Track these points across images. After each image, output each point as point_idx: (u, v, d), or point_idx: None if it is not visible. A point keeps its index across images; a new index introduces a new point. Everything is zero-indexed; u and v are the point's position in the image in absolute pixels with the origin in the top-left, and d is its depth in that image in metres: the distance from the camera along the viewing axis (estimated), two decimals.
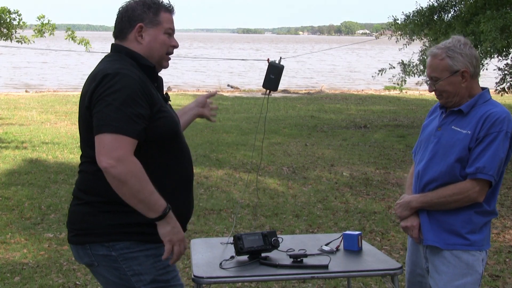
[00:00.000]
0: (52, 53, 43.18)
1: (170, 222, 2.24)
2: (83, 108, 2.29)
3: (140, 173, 2.15)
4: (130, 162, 2.14)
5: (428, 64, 2.70)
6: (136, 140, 2.17)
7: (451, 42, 2.65)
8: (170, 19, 2.40)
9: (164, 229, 2.24)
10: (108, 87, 2.18)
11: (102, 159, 2.12)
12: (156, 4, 2.37)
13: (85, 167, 2.35)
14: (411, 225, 2.75)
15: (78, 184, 2.40)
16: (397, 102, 18.15)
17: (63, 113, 14.12)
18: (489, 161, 2.55)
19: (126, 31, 2.37)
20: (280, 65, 3.01)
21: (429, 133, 2.78)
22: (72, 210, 2.40)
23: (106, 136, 2.13)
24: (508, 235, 5.58)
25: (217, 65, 38.73)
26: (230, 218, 5.99)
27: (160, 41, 2.37)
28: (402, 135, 11.35)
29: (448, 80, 2.63)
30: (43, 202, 6.43)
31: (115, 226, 2.28)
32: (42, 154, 9.08)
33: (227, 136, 11.03)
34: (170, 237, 2.24)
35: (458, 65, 2.61)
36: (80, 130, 2.37)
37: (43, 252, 4.99)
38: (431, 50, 2.71)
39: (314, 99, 18.70)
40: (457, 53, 2.61)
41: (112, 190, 2.21)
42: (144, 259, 2.30)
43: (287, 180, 7.65)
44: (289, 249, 2.98)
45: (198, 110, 2.88)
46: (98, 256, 2.31)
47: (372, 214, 6.17)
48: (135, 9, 2.36)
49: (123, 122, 2.14)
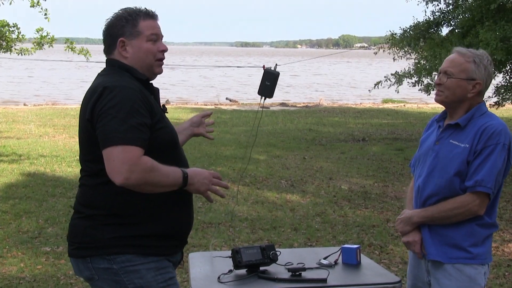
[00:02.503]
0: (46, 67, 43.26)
1: (193, 181, 2.32)
2: (83, 121, 2.30)
3: (152, 168, 2.20)
4: (141, 165, 2.17)
5: (449, 59, 2.68)
6: (143, 149, 2.20)
7: (481, 53, 2.67)
8: (151, 25, 2.40)
9: (192, 188, 2.34)
10: (110, 99, 2.20)
11: (116, 176, 2.16)
12: (133, 16, 2.38)
13: (85, 180, 2.37)
14: (413, 240, 2.74)
15: (78, 198, 2.41)
16: (395, 115, 18.18)
17: (61, 126, 14.12)
18: (487, 174, 2.56)
19: (112, 48, 2.41)
20: (276, 72, 2.98)
21: (427, 147, 2.77)
22: (73, 224, 2.40)
23: (115, 149, 2.15)
24: (507, 248, 5.56)
25: (220, 78, 38.83)
26: (228, 231, 5.97)
27: (144, 50, 2.38)
28: (401, 148, 11.36)
29: (460, 82, 2.62)
30: (40, 216, 6.40)
31: (116, 239, 2.28)
32: (40, 167, 9.06)
33: (225, 149, 11.02)
34: (199, 190, 2.36)
35: (478, 75, 2.62)
36: (80, 143, 2.38)
37: (40, 266, 4.96)
38: (459, 48, 2.70)
39: (312, 112, 18.73)
40: (482, 64, 2.63)
41: (112, 203, 2.25)
42: (145, 272, 2.30)
43: (285, 193, 7.64)
44: (288, 262, 2.96)
45: (193, 130, 2.89)
46: (99, 270, 2.31)
47: (371, 228, 6.16)
48: (114, 25, 2.39)
49: (130, 133, 2.17)
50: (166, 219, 2.35)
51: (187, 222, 2.47)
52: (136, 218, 2.30)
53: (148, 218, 2.32)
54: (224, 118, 16.41)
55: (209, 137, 2.95)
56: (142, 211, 2.31)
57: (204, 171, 2.39)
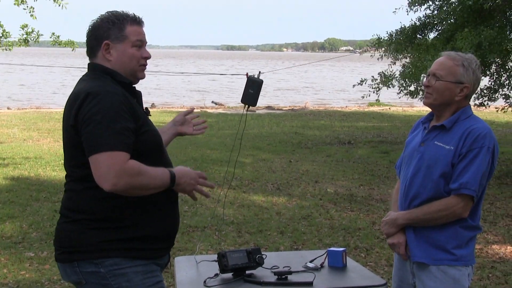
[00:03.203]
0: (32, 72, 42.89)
1: (180, 182, 2.33)
2: (67, 127, 2.29)
3: (139, 172, 2.21)
4: (128, 170, 2.17)
5: (438, 61, 2.70)
6: (129, 153, 2.20)
7: (470, 57, 2.69)
8: (137, 31, 2.40)
9: (178, 188, 2.36)
10: (93, 105, 2.19)
11: (104, 183, 2.16)
12: (120, 19, 2.37)
13: (71, 185, 2.36)
14: (398, 242, 2.75)
15: (64, 203, 2.40)
16: (381, 118, 18.29)
17: (46, 130, 14.00)
18: (472, 176, 2.57)
19: (95, 50, 2.39)
20: (259, 79, 2.99)
21: (412, 149, 2.79)
22: (60, 228, 2.40)
23: (101, 156, 2.15)
24: (491, 250, 5.61)
25: (206, 82, 38.75)
26: (214, 235, 5.95)
27: (128, 54, 2.38)
28: (386, 151, 11.42)
29: (448, 85, 2.64)
30: (24, 221, 6.34)
31: (104, 242, 2.28)
32: (24, 171, 8.97)
33: (211, 152, 11.01)
34: (185, 190, 2.38)
35: (466, 78, 2.64)
36: (65, 149, 2.37)
37: (24, 272, 4.91)
38: (448, 52, 2.73)
39: (298, 116, 18.77)
40: (471, 68, 2.65)
41: (99, 208, 2.26)
42: (133, 275, 2.30)
43: (271, 197, 7.64)
44: (274, 266, 2.96)
45: (176, 129, 2.86)
46: (86, 274, 2.30)
47: (357, 230, 6.18)
48: (100, 27, 2.37)
49: (115, 139, 2.17)
50: (153, 222, 2.36)
51: (174, 224, 2.48)
52: (123, 222, 2.30)
53: (135, 221, 2.32)
54: (210, 121, 16.38)
55: (196, 133, 2.90)
56: (129, 215, 2.31)
57: (190, 172, 2.39)
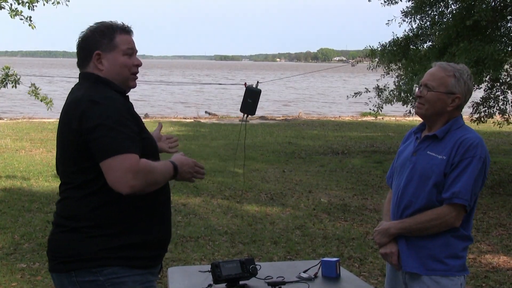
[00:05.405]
0: None
1: (181, 171, 2.41)
2: (69, 131, 2.28)
3: (151, 169, 2.24)
4: (142, 170, 2.20)
5: (430, 72, 2.72)
6: (139, 155, 2.22)
7: (462, 67, 2.71)
8: (127, 40, 2.43)
9: (179, 177, 2.43)
10: (101, 111, 2.21)
11: (121, 186, 2.17)
12: (110, 29, 2.40)
13: (69, 193, 2.35)
14: (390, 252, 2.75)
15: (60, 212, 2.39)
16: (374, 128, 18.35)
17: (38, 141, 13.94)
18: (464, 186, 2.58)
19: (86, 60, 2.41)
20: (257, 89, 3.02)
21: (404, 159, 2.80)
22: (56, 238, 2.37)
23: (115, 160, 2.17)
24: (484, 260, 5.62)
25: (196, 92, 38.78)
26: (208, 245, 5.93)
27: (119, 63, 2.40)
28: (379, 161, 11.44)
29: (440, 96, 2.66)
30: (16, 232, 6.29)
31: (103, 250, 2.27)
32: (16, 182, 8.92)
33: (204, 162, 10.98)
34: (185, 177, 2.45)
35: (457, 89, 2.66)
36: (63, 155, 2.35)
37: (16, 283, 4.87)
38: (440, 62, 2.75)
39: (291, 126, 18.80)
40: (462, 79, 2.67)
41: (97, 214, 2.26)
42: (132, 284, 2.30)
43: (265, 207, 7.63)
44: (267, 276, 2.95)
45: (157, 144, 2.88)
46: (84, 283, 2.28)
47: (350, 240, 6.17)
48: (90, 38, 2.39)
49: (126, 142, 2.20)
50: (149, 227, 2.36)
51: (168, 230, 2.49)
52: (120, 228, 2.30)
53: (132, 227, 2.32)
54: (203, 131, 16.39)
55: (171, 152, 2.89)
56: (126, 220, 2.31)
57: (188, 160, 2.46)
